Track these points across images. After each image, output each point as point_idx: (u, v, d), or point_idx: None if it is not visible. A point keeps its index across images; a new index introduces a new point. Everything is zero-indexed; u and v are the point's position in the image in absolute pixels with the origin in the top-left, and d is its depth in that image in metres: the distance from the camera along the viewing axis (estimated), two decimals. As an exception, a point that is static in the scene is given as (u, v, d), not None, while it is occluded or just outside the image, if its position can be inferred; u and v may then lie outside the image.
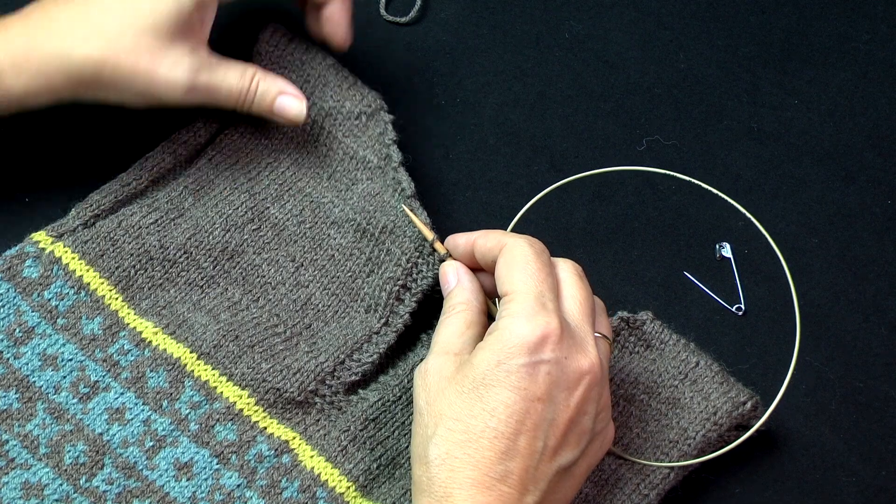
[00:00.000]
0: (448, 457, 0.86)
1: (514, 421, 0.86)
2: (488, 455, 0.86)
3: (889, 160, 1.13)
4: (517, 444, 0.86)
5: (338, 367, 0.98)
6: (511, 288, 0.89)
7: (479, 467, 0.86)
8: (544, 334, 0.87)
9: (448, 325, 0.92)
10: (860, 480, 1.00)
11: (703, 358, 0.98)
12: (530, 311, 0.87)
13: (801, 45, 1.18)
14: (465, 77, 1.14)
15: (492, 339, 0.88)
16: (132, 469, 0.93)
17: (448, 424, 0.87)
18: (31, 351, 0.96)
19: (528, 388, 0.86)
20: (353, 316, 1.00)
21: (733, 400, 0.96)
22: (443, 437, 0.87)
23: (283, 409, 0.96)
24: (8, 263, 0.98)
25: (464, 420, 0.86)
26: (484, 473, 0.86)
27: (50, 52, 0.95)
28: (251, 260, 1.02)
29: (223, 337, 0.98)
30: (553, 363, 0.87)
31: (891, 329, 1.06)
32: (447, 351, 0.90)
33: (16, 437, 0.94)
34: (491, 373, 0.87)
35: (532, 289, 0.88)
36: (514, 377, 0.86)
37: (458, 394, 0.87)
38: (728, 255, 1.08)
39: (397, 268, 1.00)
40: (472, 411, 0.86)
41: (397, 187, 1.02)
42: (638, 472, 0.96)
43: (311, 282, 1.01)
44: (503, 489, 0.86)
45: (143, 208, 1.01)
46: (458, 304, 0.93)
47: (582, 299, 0.91)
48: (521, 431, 0.86)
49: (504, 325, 0.88)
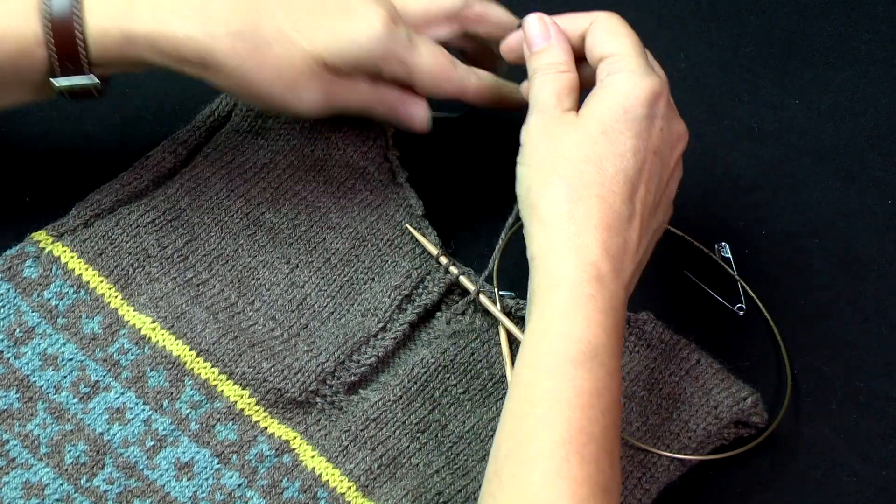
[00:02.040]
0: (582, 196, 0.88)
1: (638, 168, 0.90)
2: (617, 198, 0.89)
3: (889, 160, 1.13)
4: (639, 191, 0.90)
5: (338, 367, 0.98)
6: (616, 49, 0.92)
7: (610, 209, 0.88)
8: (659, 90, 0.91)
9: (554, 82, 0.93)
10: (861, 480, 1.00)
11: (704, 356, 0.99)
12: (644, 70, 0.92)
13: (802, 45, 1.18)
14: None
15: (610, 91, 0.90)
16: (133, 469, 0.93)
17: (579, 166, 0.89)
18: (32, 351, 0.96)
19: (648, 139, 0.90)
20: (351, 318, 1.00)
21: (734, 395, 0.97)
22: (575, 177, 0.89)
23: (283, 409, 0.96)
24: (8, 263, 0.98)
25: (595, 162, 0.89)
26: (614, 216, 0.88)
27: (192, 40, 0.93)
28: (246, 263, 1.02)
29: (223, 335, 0.98)
30: (664, 120, 0.92)
31: (891, 329, 1.06)
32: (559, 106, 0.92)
33: (16, 437, 0.94)
34: (619, 120, 0.90)
35: (639, 51, 0.93)
36: (639, 125, 0.90)
37: (585, 138, 0.89)
38: (728, 255, 1.08)
39: (406, 280, 1.01)
40: (603, 154, 0.89)
41: (403, 203, 1.03)
42: (639, 465, 0.96)
43: (307, 282, 1.01)
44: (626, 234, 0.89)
45: (141, 207, 1.01)
46: (558, 63, 0.94)
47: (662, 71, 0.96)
48: (642, 180, 0.90)
49: (623, 78, 0.91)
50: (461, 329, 1.00)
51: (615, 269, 0.88)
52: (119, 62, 0.94)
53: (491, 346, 1.00)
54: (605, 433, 0.84)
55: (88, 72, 0.93)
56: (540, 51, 0.95)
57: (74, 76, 0.93)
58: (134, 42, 0.92)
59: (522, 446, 0.84)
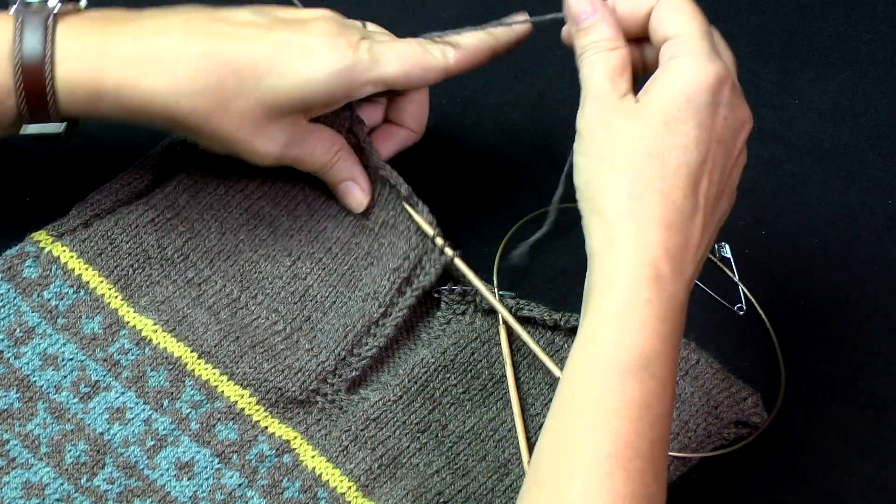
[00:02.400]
0: (643, 192, 0.84)
1: (701, 160, 0.85)
2: (679, 194, 0.84)
3: (889, 160, 1.13)
4: (701, 185, 0.86)
5: (339, 365, 0.98)
6: (681, 30, 0.87)
7: (672, 205, 0.84)
8: (724, 77, 0.87)
9: (606, 61, 0.89)
10: (861, 480, 1.00)
11: (704, 356, 0.99)
12: (708, 54, 0.87)
13: (801, 45, 1.18)
14: (465, 77, 1.14)
15: (673, 76, 0.86)
16: (133, 468, 0.93)
17: (640, 159, 0.85)
18: (32, 351, 0.96)
19: (712, 128, 0.86)
20: (351, 304, 1.00)
21: (734, 395, 0.97)
22: (637, 170, 0.85)
23: (284, 409, 0.96)
24: (8, 263, 0.98)
25: (657, 156, 0.85)
26: (676, 213, 0.84)
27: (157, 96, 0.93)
28: (248, 257, 1.02)
29: (224, 337, 0.98)
30: (729, 108, 0.87)
31: (891, 329, 1.06)
32: (615, 90, 0.87)
33: (17, 437, 0.94)
34: (682, 109, 0.85)
35: (705, 33, 0.88)
36: (702, 114, 0.85)
37: (647, 128, 0.85)
38: (728, 255, 1.08)
39: (404, 261, 1.00)
40: (666, 146, 0.85)
41: (391, 185, 1.02)
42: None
43: (309, 274, 1.01)
44: (688, 232, 0.85)
45: (140, 207, 1.01)
46: (608, 40, 0.89)
47: (730, 52, 0.91)
48: (704, 172, 0.86)
49: (686, 63, 0.86)
50: (461, 329, 1.00)
51: (675, 269, 0.84)
52: (87, 114, 0.94)
53: (491, 346, 1.00)
54: (652, 447, 0.81)
55: (57, 121, 0.94)
56: (587, 27, 0.90)
57: (43, 124, 0.94)
58: (102, 97, 0.92)
59: (565, 457, 0.81)
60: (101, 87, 0.92)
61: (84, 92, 0.92)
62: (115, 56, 0.92)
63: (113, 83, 0.92)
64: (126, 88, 0.92)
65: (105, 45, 0.92)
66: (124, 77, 0.92)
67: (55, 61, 0.91)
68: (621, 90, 0.87)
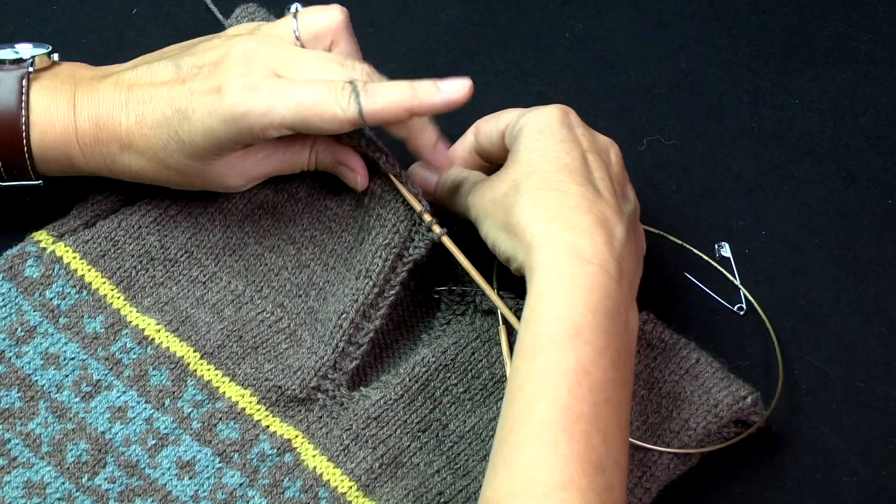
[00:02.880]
0: (538, 195, 0.91)
1: (580, 160, 0.93)
2: (573, 185, 0.91)
3: (889, 160, 1.13)
4: (593, 177, 0.93)
5: (339, 358, 0.97)
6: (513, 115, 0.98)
7: (570, 196, 0.91)
8: (564, 109, 0.96)
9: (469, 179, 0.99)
10: (861, 480, 1.00)
11: (704, 355, 0.99)
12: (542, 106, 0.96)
13: (802, 45, 1.18)
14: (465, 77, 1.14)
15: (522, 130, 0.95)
16: (134, 468, 0.93)
17: (524, 181, 0.92)
18: (34, 350, 0.96)
19: (573, 141, 0.94)
20: (346, 285, 0.99)
21: (734, 394, 0.97)
22: (526, 190, 0.92)
23: (285, 407, 0.96)
24: (9, 263, 0.98)
25: (537, 171, 0.92)
26: (578, 200, 0.91)
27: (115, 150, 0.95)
28: (253, 251, 1.01)
29: (227, 337, 0.98)
30: (584, 128, 0.96)
31: (891, 329, 1.06)
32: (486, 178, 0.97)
33: (18, 436, 0.94)
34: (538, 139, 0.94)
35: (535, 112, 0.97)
36: (560, 134, 0.94)
37: (519, 165, 0.93)
38: (728, 255, 1.08)
39: (394, 235, 0.98)
40: (538, 163, 0.93)
41: (380, 157, 0.99)
42: (639, 464, 0.96)
43: (312, 260, 1.01)
44: (601, 207, 0.91)
45: (143, 206, 1.01)
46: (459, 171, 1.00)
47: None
48: (590, 169, 0.93)
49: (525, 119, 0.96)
50: (462, 329, 1.00)
51: (594, 243, 0.88)
52: (63, 173, 0.98)
53: (491, 345, 1.00)
54: (596, 410, 0.85)
55: (34, 179, 0.97)
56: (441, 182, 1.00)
57: (20, 181, 0.97)
58: (74, 165, 0.97)
59: (513, 431, 0.85)
60: (70, 156, 0.96)
61: (55, 158, 0.96)
62: (79, 148, 0.96)
63: (80, 153, 0.96)
64: (92, 161, 0.96)
65: (72, 116, 0.95)
66: (88, 152, 0.96)
67: (30, 124, 0.95)
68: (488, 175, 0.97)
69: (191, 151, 0.94)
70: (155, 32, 1.13)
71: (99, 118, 0.95)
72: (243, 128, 0.92)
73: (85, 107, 0.95)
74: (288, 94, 0.91)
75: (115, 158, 0.96)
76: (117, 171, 0.97)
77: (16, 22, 1.12)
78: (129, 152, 0.95)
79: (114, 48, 1.12)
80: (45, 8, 1.13)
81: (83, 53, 1.09)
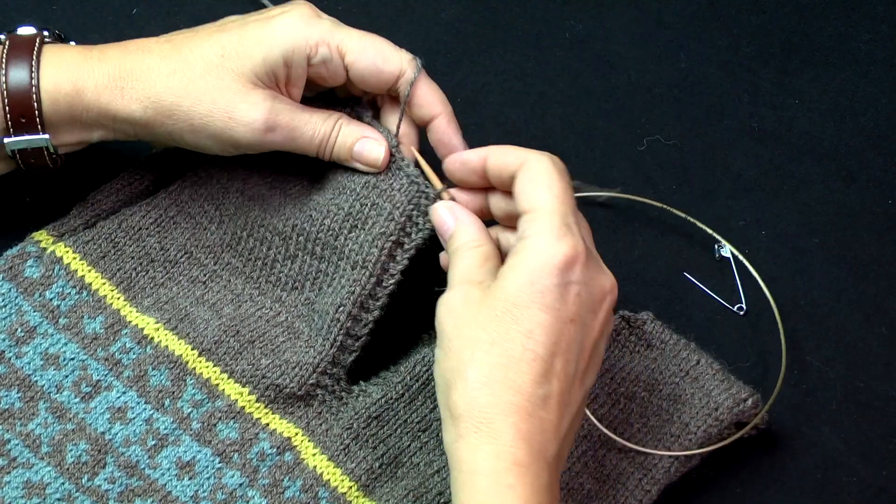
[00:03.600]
0: (488, 381, 0.85)
1: (550, 343, 0.85)
2: (528, 379, 0.85)
3: (889, 160, 1.13)
4: (554, 367, 0.85)
5: (337, 354, 0.97)
6: (535, 205, 0.88)
7: (520, 392, 0.84)
8: (573, 256, 0.86)
9: (465, 259, 0.90)
10: (860, 480, 1.00)
11: (704, 357, 0.99)
12: (558, 232, 0.86)
13: (802, 45, 1.18)
14: (465, 77, 1.14)
15: (519, 259, 0.87)
16: (134, 468, 0.93)
17: (484, 348, 0.85)
18: (33, 350, 0.96)
19: (561, 308, 0.86)
20: (342, 275, 0.98)
21: (734, 396, 0.97)
22: (481, 360, 0.85)
23: (284, 404, 0.96)
24: (9, 263, 0.98)
25: (501, 343, 0.85)
26: (525, 399, 0.85)
27: (138, 77, 0.95)
28: (247, 245, 1.01)
29: (224, 332, 0.98)
30: (582, 284, 0.87)
31: (891, 329, 1.06)
32: (469, 280, 0.89)
33: (18, 437, 0.94)
34: (524, 293, 0.85)
35: (557, 208, 0.87)
36: (548, 297, 0.86)
37: (491, 318, 0.86)
38: (728, 255, 1.08)
39: (389, 223, 0.96)
40: (509, 334, 0.85)
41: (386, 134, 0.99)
42: (640, 466, 0.96)
43: (300, 250, 1.00)
44: (543, 415, 0.85)
45: (143, 207, 1.01)
46: (470, 241, 0.91)
47: (587, 227, 0.91)
48: (557, 354, 0.86)
49: (532, 244, 0.87)
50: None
51: (535, 451, 0.84)
52: (70, 119, 0.96)
53: (491, 345, 0.99)
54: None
55: (41, 131, 0.95)
56: (451, 235, 0.92)
57: (29, 137, 0.95)
58: (85, 103, 0.95)
59: None
60: (82, 90, 0.95)
61: (66, 94, 0.94)
62: (94, 78, 0.95)
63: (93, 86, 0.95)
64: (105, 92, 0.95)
65: (88, 59, 0.96)
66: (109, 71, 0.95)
67: (41, 66, 0.94)
68: (478, 278, 0.89)
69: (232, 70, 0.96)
70: (155, 32, 1.13)
71: (126, 47, 0.96)
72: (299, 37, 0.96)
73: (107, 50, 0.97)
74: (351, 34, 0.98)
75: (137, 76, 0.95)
76: (136, 96, 0.95)
77: (16, 22, 1.11)
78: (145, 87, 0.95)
79: (114, 48, 1.12)
80: (45, 8, 1.13)
81: (83, 53, 1.09)
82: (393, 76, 0.97)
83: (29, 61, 0.95)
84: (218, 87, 0.95)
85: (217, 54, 0.96)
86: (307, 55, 0.96)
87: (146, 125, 0.96)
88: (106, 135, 0.97)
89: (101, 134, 0.97)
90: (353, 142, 0.98)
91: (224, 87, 0.95)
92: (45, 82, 0.94)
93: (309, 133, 0.98)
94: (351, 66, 0.97)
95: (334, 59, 0.97)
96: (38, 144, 0.96)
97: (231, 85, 0.95)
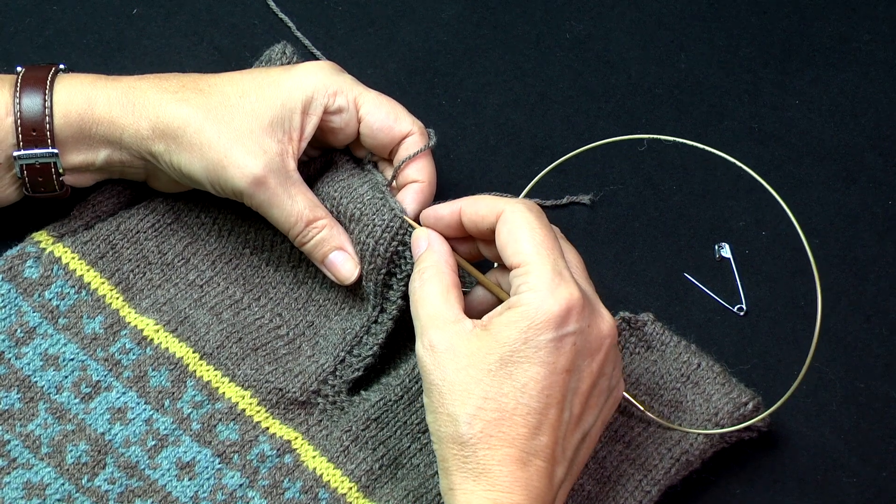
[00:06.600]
0: (483, 435, 0.86)
1: (544, 396, 0.86)
2: (522, 432, 0.86)
3: (890, 161, 1.13)
4: (547, 418, 0.87)
5: (339, 366, 0.98)
6: (523, 259, 0.88)
7: (514, 444, 0.86)
8: (569, 307, 0.87)
9: (427, 294, 0.90)
10: (861, 481, 1.00)
11: (705, 359, 0.99)
12: (551, 284, 0.87)
13: (802, 45, 1.18)
14: (465, 77, 1.14)
15: (515, 315, 0.87)
16: (134, 468, 0.93)
17: (478, 403, 0.86)
18: (33, 351, 0.96)
19: (556, 361, 0.87)
20: (353, 306, 1.00)
21: (735, 401, 0.97)
22: (475, 416, 0.86)
23: (285, 410, 0.96)
24: (9, 264, 0.98)
25: (495, 399, 0.86)
26: (520, 450, 0.86)
27: (150, 98, 0.96)
28: (250, 261, 1.01)
29: (227, 338, 0.98)
30: (578, 334, 0.87)
31: (891, 329, 1.06)
32: (443, 320, 0.89)
33: (18, 437, 0.94)
34: (518, 350, 0.86)
35: (546, 258, 0.88)
36: (543, 353, 0.86)
37: (484, 372, 0.87)
38: (728, 255, 1.08)
39: (375, 257, 0.97)
40: (503, 390, 0.86)
41: (367, 177, 1.00)
42: (640, 467, 0.96)
43: (310, 278, 1.01)
44: (538, 463, 0.86)
45: (141, 211, 1.01)
46: (428, 267, 0.92)
47: (578, 259, 0.92)
48: (551, 405, 0.87)
49: (527, 300, 0.87)
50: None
51: (532, 497, 0.86)
52: (77, 137, 0.96)
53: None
54: None
55: (51, 145, 0.96)
56: (418, 258, 0.94)
57: (36, 150, 0.96)
58: (97, 122, 0.96)
59: None
60: (94, 103, 0.96)
61: (77, 107, 0.96)
62: (106, 94, 0.97)
63: (106, 100, 0.97)
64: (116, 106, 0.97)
65: (102, 79, 0.98)
66: (123, 91, 0.97)
67: (55, 87, 0.96)
68: (450, 317, 0.89)
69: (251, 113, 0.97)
70: (155, 32, 1.13)
71: (142, 76, 0.98)
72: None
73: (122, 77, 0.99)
74: None
75: (151, 101, 0.97)
76: (146, 114, 0.96)
77: (16, 22, 1.12)
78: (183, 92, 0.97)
79: (114, 48, 1.12)
80: (45, 8, 1.13)
81: (83, 53, 1.10)
82: (401, 135, 0.99)
83: (44, 83, 0.96)
84: (228, 123, 0.96)
85: (236, 94, 0.97)
86: (325, 103, 0.97)
87: (150, 147, 0.96)
88: (111, 156, 0.97)
89: (107, 154, 0.97)
90: (328, 249, 0.98)
91: (233, 127, 0.96)
92: (59, 96, 0.96)
93: (287, 211, 0.97)
94: (364, 118, 0.99)
95: (350, 109, 0.98)
96: (47, 159, 0.96)
97: (240, 126, 0.96)
